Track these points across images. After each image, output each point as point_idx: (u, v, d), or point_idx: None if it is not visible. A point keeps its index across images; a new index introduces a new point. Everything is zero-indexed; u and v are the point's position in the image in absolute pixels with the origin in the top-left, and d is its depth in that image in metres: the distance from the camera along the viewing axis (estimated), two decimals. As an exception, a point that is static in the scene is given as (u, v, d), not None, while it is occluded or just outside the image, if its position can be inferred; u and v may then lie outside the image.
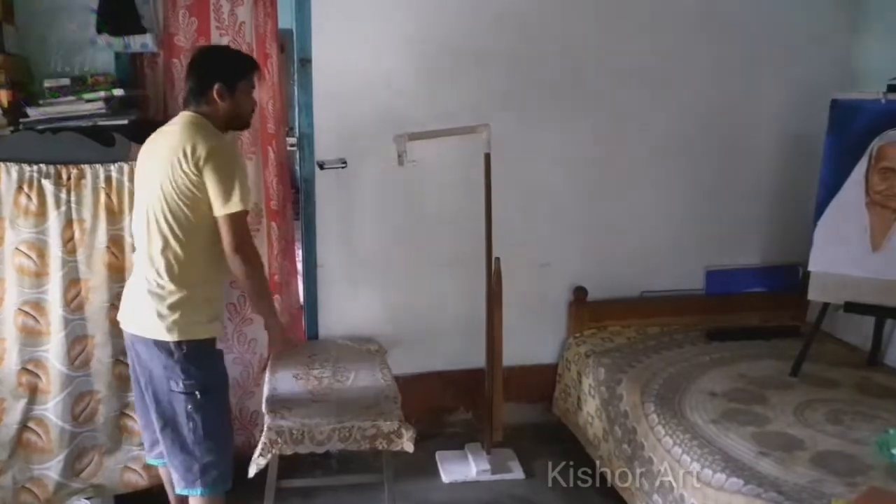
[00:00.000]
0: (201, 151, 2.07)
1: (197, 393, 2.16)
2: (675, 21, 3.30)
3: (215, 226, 2.12)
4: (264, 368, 2.97)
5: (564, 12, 3.19)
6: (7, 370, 2.46)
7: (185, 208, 2.10)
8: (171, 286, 2.12)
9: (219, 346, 2.29)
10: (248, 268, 2.15)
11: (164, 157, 2.10)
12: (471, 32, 3.12)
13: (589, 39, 3.24)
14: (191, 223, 2.12)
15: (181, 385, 2.15)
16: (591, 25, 3.22)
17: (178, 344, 2.13)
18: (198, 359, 2.17)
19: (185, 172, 2.07)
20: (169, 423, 2.20)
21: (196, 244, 2.14)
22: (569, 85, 3.26)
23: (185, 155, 2.07)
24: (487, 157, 2.88)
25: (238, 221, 2.12)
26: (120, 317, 2.28)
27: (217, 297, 2.28)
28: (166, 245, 2.11)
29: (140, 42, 2.70)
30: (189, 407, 2.17)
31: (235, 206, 2.09)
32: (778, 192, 3.56)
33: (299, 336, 3.19)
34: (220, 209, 2.09)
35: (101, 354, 2.52)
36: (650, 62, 3.30)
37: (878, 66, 3.19)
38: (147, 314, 2.13)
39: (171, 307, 2.12)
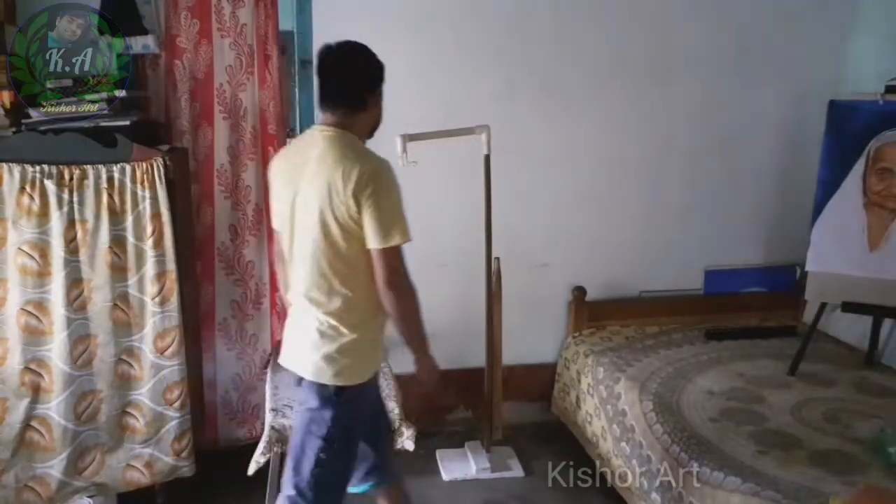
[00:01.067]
0: (361, 175, 1.83)
1: (335, 441, 1.98)
2: (674, 22, 3.31)
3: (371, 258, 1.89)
4: (266, 366, 2.99)
5: (564, 14, 3.20)
6: (10, 369, 2.47)
7: (347, 239, 1.87)
8: (341, 327, 1.93)
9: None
10: (405, 304, 1.93)
11: (321, 181, 1.85)
12: (470, 34, 3.14)
13: (588, 40, 3.25)
14: (353, 254, 1.89)
15: (323, 430, 1.97)
16: (590, 26, 3.24)
17: (340, 389, 1.95)
18: (351, 403, 1.99)
19: (343, 200, 1.83)
20: (307, 469, 2.00)
21: (360, 279, 1.92)
22: (568, 86, 3.27)
23: (343, 178, 1.83)
24: (487, 158, 2.89)
25: (397, 254, 1.88)
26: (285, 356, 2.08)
27: (380, 340, 2.07)
28: (333, 279, 1.90)
29: (142, 43, 2.72)
30: (322, 455, 1.99)
31: (397, 238, 1.86)
32: (776, 192, 3.57)
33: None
34: (380, 241, 1.85)
35: (103, 354, 2.54)
36: (649, 63, 3.32)
37: (876, 67, 3.21)
38: (317, 356, 1.94)
39: (341, 351, 1.93)
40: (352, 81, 1.93)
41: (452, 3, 3.12)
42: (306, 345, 1.97)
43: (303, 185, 1.91)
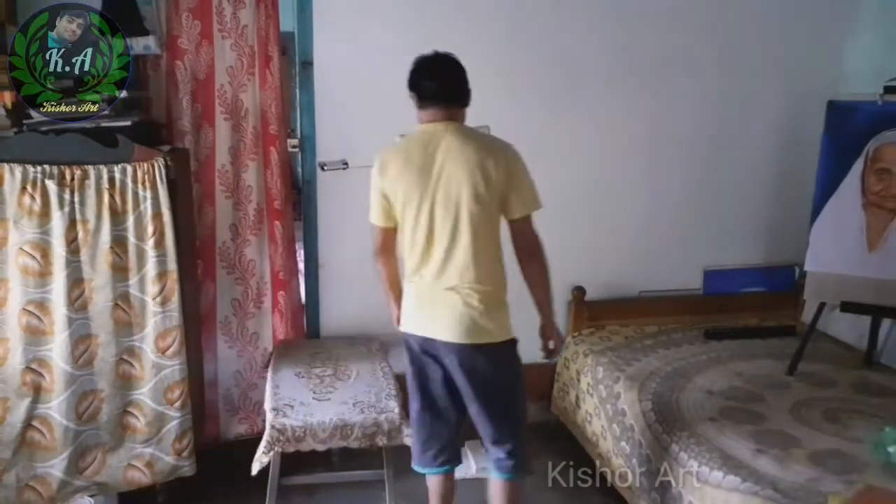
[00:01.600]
0: (508, 157, 2.17)
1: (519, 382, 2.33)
2: (673, 22, 3.32)
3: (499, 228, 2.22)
4: (267, 365, 2.99)
5: (563, 14, 3.21)
6: (11, 369, 2.47)
7: (488, 214, 2.17)
8: (492, 293, 2.21)
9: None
10: (545, 266, 2.28)
11: (470, 167, 2.14)
12: (470, 34, 3.13)
13: (588, 40, 3.26)
14: (492, 227, 2.20)
15: (511, 374, 2.30)
16: (589, 27, 3.24)
17: (510, 342, 2.27)
18: (513, 355, 2.31)
19: (499, 179, 2.14)
20: (498, 414, 2.30)
21: (494, 248, 2.23)
22: (566, 87, 3.28)
23: (502, 162, 2.15)
24: (487, 157, 2.89)
25: (533, 220, 2.25)
26: (428, 328, 2.26)
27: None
28: (481, 252, 2.18)
29: (143, 44, 2.72)
30: (519, 398, 2.34)
31: (537, 204, 2.22)
32: (775, 192, 3.58)
33: (300, 335, 3.23)
34: (526, 209, 2.20)
35: (104, 353, 2.54)
36: (648, 63, 3.32)
37: (875, 67, 3.22)
38: (480, 322, 2.19)
39: (492, 311, 2.21)
40: (460, 82, 2.24)
41: (452, 4, 3.12)
42: (461, 315, 2.19)
43: (444, 174, 2.16)
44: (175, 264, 2.53)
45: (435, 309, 2.23)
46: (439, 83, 2.22)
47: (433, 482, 2.46)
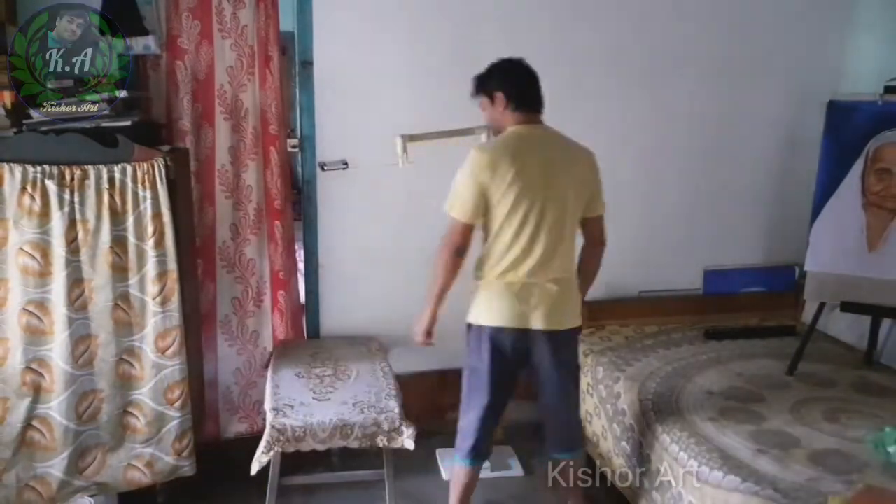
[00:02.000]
0: (591, 159, 2.42)
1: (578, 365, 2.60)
2: (673, 22, 3.32)
3: None
4: (267, 365, 2.99)
5: (562, 15, 3.21)
6: (11, 369, 2.47)
7: (580, 211, 2.40)
8: (574, 281, 2.45)
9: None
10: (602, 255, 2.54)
11: (577, 168, 2.37)
12: (470, 34, 3.14)
13: (587, 41, 3.26)
14: (577, 221, 2.42)
15: (574, 361, 2.55)
16: (588, 27, 3.25)
17: (580, 326, 2.50)
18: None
19: (589, 179, 2.41)
20: (572, 396, 2.55)
21: (574, 240, 2.45)
22: (566, 87, 3.25)
23: (590, 164, 2.41)
24: (487, 158, 2.90)
25: None
26: (535, 321, 2.37)
27: None
28: (570, 246, 2.41)
29: (143, 44, 2.72)
30: (577, 379, 2.57)
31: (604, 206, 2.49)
32: (775, 192, 3.58)
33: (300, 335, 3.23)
34: (603, 208, 2.48)
35: (104, 353, 2.54)
36: (648, 63, 3.32)
37: (874, 68, 3.22)
38: (571, 308, 2.42)
39: (576, 297, 2.46)
40: (540, 88, 2.42)
41: (452, 4, 3.12)
42: (559, 305, 2.37)
43: (555, 175, 2.33)
44: (175, 264, 2.53)
45: (537, 301, 2.36)
46: (537, 89, 2.41)
47: (469, 474, 2.54)
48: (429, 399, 3.33)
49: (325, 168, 3.09)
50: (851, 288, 2.88)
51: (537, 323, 2.36)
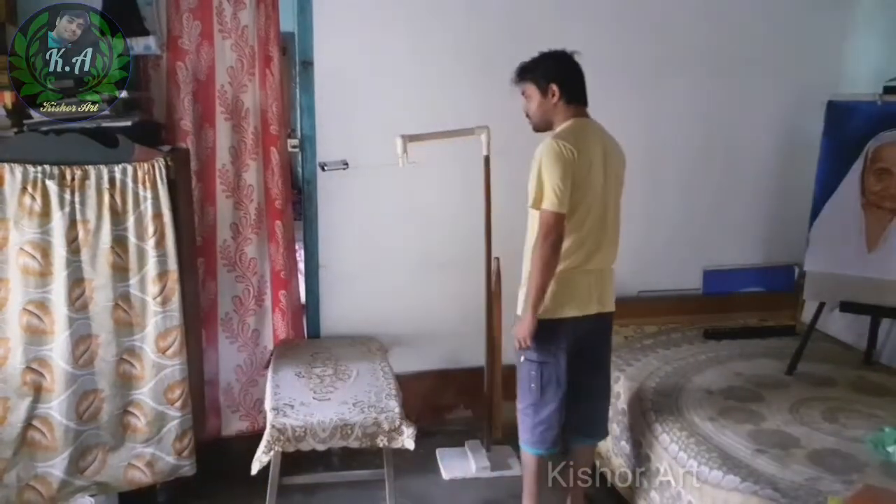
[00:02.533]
0: (622, 151, 2.50)
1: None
2: (672, 22, 3.32)
3: None
4: (267, 365, 3.00)
5: (562, 15, 3.21)
6: (12, 369, 2.48)
7: (620, 200, 2.49)
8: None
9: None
10: None
11: (620, 160, 2.47)
12: (470, 35, 3.15)
13: (586, 42, 3.22)
14: (620, 212, 2.50)
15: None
16: (588, 28, 3.24)
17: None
18: None
19: (622, 173, 2.49)
20: (610, 380, 2.64)
21: None
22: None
23: (624, 159, 2.49)
24: (487, 159, 2.90)
25: None
26: (595, 306, 2.48)
27: None
28: (617, 234, 2.50)
29: (143, 44, 2.72)
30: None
31: None
32: (774, 192, 3.58)
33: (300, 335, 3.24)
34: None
35: (104, 353, 2.54)
36: (648, 63, 3.33)
37: (874, 68, 3.22)
38: (613, 291, 2.55)
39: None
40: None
41: (452, 4, 3.13)
42: (608, 289, 2.52)
43: (610, 164, 2.41)
44: (175, 264, 2.53)
45: (603, 286, 2.49)
46: (581, 83, 2.45)
47: (546, 463, 2.56)
48: (429, 399, 3.33)
49: (326, 168, 3.09)
50: (851, 288, 2.89)
51: (598, 307, 2.47)
